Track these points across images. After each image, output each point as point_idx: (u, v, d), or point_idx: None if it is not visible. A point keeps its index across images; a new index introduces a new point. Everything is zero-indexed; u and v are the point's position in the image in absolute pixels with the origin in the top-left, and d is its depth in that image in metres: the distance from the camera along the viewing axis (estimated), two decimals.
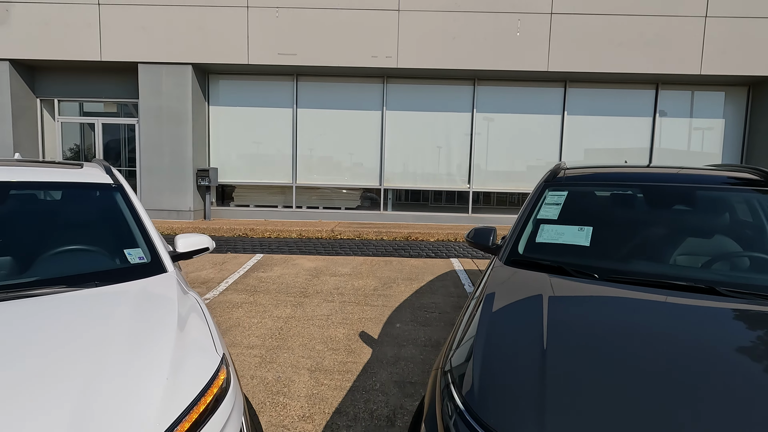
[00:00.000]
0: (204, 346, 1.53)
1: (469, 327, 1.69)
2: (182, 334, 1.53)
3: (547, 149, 9.55)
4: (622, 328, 1.52)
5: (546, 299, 1.69)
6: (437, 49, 8.62)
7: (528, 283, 1.88)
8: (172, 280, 1.92)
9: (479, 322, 1.63)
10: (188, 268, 5.94)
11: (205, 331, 1.61)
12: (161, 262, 2.07)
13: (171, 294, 1.76)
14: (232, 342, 3.63)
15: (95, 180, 2.38)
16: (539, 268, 2.05)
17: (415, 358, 3.43)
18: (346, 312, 4.39)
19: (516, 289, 1.84)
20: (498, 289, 1.85)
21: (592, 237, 2.14)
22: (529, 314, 1.62)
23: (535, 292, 1.76)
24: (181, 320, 1.61)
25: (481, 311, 1.70)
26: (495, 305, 1.71)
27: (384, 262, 6.57)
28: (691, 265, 2.03)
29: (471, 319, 1.75)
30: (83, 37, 8.68)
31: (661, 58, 8.49)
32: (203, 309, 1.80)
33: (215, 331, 1.67)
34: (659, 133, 9.45)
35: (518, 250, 2.24)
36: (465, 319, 1.82)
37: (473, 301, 1.98)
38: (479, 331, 1.57)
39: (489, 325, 1.59)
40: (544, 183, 2.63)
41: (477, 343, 1.51)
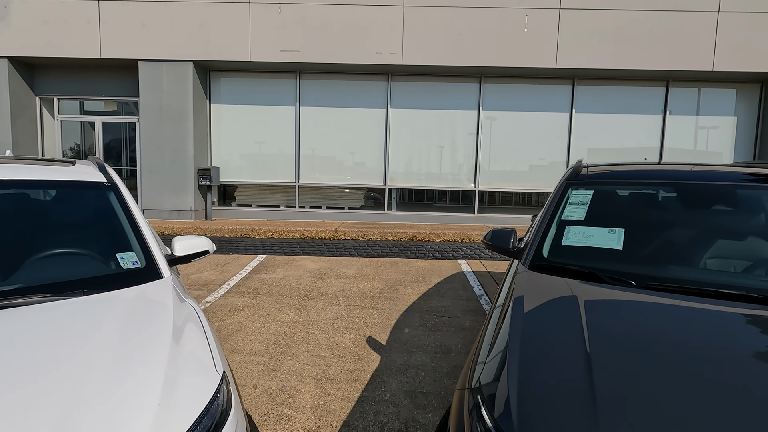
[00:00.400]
0: (202, 364, 1.36)
1: (496, 340, 1.53)
2: (178, 350, 1.37)
3: (554, 148, 9.37)
4: (676, 344, 1.36)
5: (583, 310, 1.52)
6: (443, 45, 8.44)
7: (560, 291, 1.71)
8: (168, 288, 1.76)
9: (509, 334, 1.46)
10: (189, 269, 5.78)
11: (203, 345, 1.45)
12: (157, 267, 1.91)
13: (166, 304, 1.60)
14: (233, 348, 3.48)
15: (87, 178, 2.22)
16: (568, 273, 1.88)
17: (425, 365, 3.26)
18: (352, 316, 4.23)
19: (547, 298, 1.68)
20: (526, 297, 1.68)
21: (624, 240, 1.97)
22: (567, 327, 1.45)
23: (569, 302, 1.59)
24: (176, 333, 1.45)
25: (510, 323, 1.53)
26: (526, 316, 1.54)
27: (389, 263, 6.40)
28: (737, 271, 1.86)
29: (498, 330, 1.58)
30: (83, 34, 8.54)
31: (672, 55, 8.30)
32: (202, 320, 1.64)
33: (215, 344, 1.51)
34: (670, 131, 9.26)
35: (543, 254, 2.07)
36: (490, 330, 1.66)
37: (497, 310, 1.81)
38: (511, 345, 1.40)
39: (522, 338, 1.42)
40: (567, 181, 2.45)
41: (510, 358, 1.34)
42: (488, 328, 1.71)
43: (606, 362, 1.28)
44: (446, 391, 2.92)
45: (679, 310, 1.57)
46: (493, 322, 1.71)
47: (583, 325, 1.45)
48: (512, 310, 1.61)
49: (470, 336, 3.81)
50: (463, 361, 3.33)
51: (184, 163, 8.90)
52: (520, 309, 1.60)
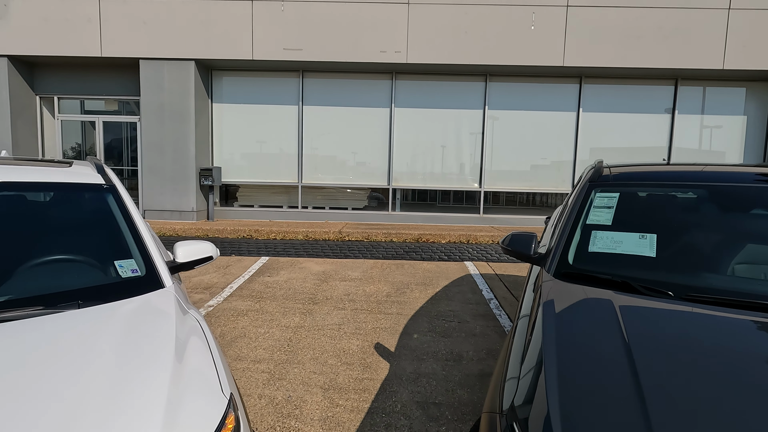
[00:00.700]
0: (208, 386, 1.24)
1: (525, 356, 1.40)
2: (181, 371, 1.25)
3: (561, 148, 9.24)
4: (729, 360, 1.23)
5: (623, 323, 1.40)
6: (448, 43, 8.31)
7: (594, 302, 1.58)
8: (170, 299, 1.64)
9: (543, 351, 1.34)
10: (191, 272, 5.66)
11: (209, 365, 1.32)
12: (158, 275, 1.79)
13: (168, 318, 1.48)
14: (237, 355, 3.36)
15: (84, 180, 2.10)
16: (598, 282, 1.75)
17: (437, 374, 3.14)
18: (359, 321, 4.11)
19: (581, 310, 1.55)
20: (558, 309, 1.56)
21: (657, 246, 1.84)
22: (608, 342, 1.33)
23: (606, 314, 1.47)
24: (179, 351, 1.33)
25: (543, 337, 1.41)
26: (559, 330, 1.42)
27: (395, 265, 6.28)
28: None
29: (527, 345, 1.46)
30: (83, 33, 8.43)
31: (681, 53, 8.16)
32: (207, 335, 1.52)
33: (221, 363, 1.39)
34: (679, 130, 9.11)
35: (568, 261, 1.95)
36: (517, 344, 1.53)
37: (522, 322, 1.69)
38: (547, 363, 1.28)
39: (558, 355, 1.30)
40: (590, 183, 2.32)
41: (547, 377, 1.22)
42: (514, 341, 1.59)
43: (657, 380, 1.16)
44: (459, 402, 2.79)
45: (727, 323, 1.44)
46: (520, 336, 1.58)
47: (626, 339, 1.33)
48: (543, 323, 1.48)
49: (481, 342, 3.69)
50: (475, 369, 3.21)
51: (186, 163, 8.79)
52: (551, 322, 1.47)
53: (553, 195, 9.74)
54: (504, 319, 4.22)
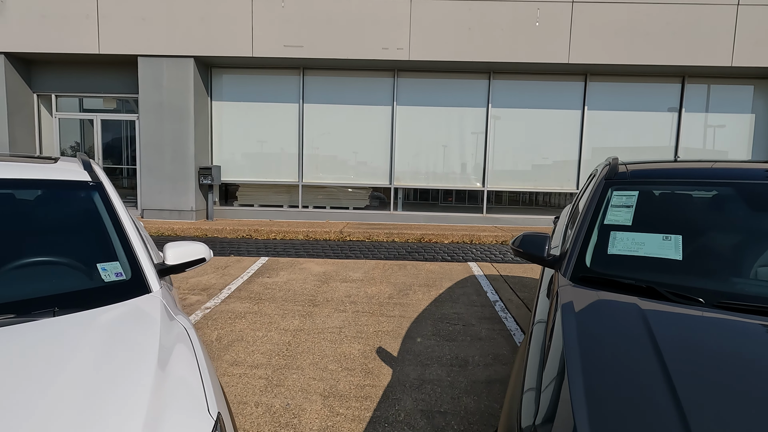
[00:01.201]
0: (193, 403, 1.11)
1: (545, 368, 1.27)
2: (162, 386, 1.12)
3: (565, 146, 9.09)
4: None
5: (655, 335, 1.26)
6: (451, 40, 8.18)
7: (619, 309, 1.45)
8: (156, 305, 1.51)
9: (567, 363, 1.21)
10: (188, 272, 5.54)
11: (195, 379, 1.20)
12: (144, 279, 1.66)
13: (152, 327, 1.35)
14: (234, 360, 3.23)
15: (68, 177, 1.97)
16: (620, 287, 1.62)
17: (442, 380, 3.01)
18: (360, 324, 3.98)
19: (605, 318, 1.42)
20: (579, 318, 1.42)
21: (682, 248, 1.70)
22: (638, 353, 1.20)
23: (635, 323, 1.33)
24: (162, 363, 1.20)
25: (564, 347, 1.27)
26: (582, 340, 1.29)
27: (397, 266, 6.15)
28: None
29: (545, 356, 1.32)
30: (81, 29, 8.31)
31: (689, 50, 8.01)
32: (195, 345, 1.39)
33: (209, 377, 1.26)
34: (685, 129, 8.96)
35: (586, 264, 1.81)
36: (533, 355, 1.40)
37: (538, 330, 1.55)
38: (571, 376, 1.15)
39: (584, 367, 1.17)
40: (606, 181, 2.19)
41: (573, 393, 1.09)
42: (530, 351, 1.46)
43: (697, 396, 1.04)
44: (466, 411, 2.66)
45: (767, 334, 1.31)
46: (536, 345, 1.45)
47: (659, 350, 1.20)
48: (563, 332, 1.35)
49: (487, 346, 3.56)
50: (481, 376, 3.08)
51: (185, 161, 8.67)
52: (572, 331, 1.34)
53: (557, 195, 9.60)
54: (510, 322, 4.09)
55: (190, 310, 4.21)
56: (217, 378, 1.42)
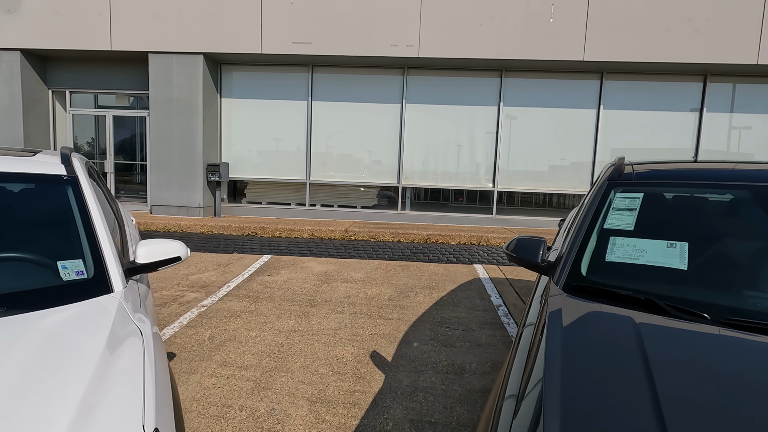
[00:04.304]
0: (125, 416, 1.02)
1: (526, 379, 1.16)
2: (95, 396, 1.02)
3: (579, 147, 8.83)
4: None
5: (648, 354, 1.12)
6: (462, 37, 8.00)
7: (610, 323, 1.31)
8: (112, 307, 1.42)
9: (545, 379, 1.08)
10: (189, 269, 5.52)
11: (134, 389, 1.10)
12: (107, 278, 1.58)
13: (100, 330, 1.26)
14: (224, 360, 3.16)
15: (41, 171, 1.91)
16: (616, 299, 1.47)
17: (435, 388, 2.88)
18: (357, 326, 3.87)
19: (593, 332, 1.27)
20: (563, 330, 1.29)
21: (688, 257, 1.54)
22: (625, 374, 1.07)
23: (626, 339, 1.19)
24: (101, 371, 1.11)
25: (544, 362, 1.15)
26: (564, 356, 1.16)
27: (401, 267, 6.02)
28: None
29: (528, 367, 1.20)
30: (93, 26, 8.40)
31: (712, 47, 7.67)
32: (147, 350, 1.29)
33: (154, 386, 1.16)
34: (707, 130, 8.61)
35: (581, 272, 1.67)
36: (517, 363, 1.28)
37: (524, 337, 1.43)
38: (548, 394, 1.03)
39: (562, 386, 1.05)
40: (609, 182, 2.03)
41: (547, 414, 0.97)
42: (515, 360, 1.33)
43: (685, 425, 0.90)
44: (458, 422, 2.53)
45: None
46: (521, 354, 1.32)
47: (650, 370, 1.06)
48: (546, 346, 1.22)
49: (486, 353, 3.41)
50: (477, 385, 2.94)
51: (193, 158, 8.70)
52: (556, 345, 1.21)
53: (569, 196, 9.34)
54: (512, 329, 3.93)
55: (187, 308, 4.16)
56: (172, 388, 1.33)
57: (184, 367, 3.04)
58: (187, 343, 3.43)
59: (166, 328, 3.69)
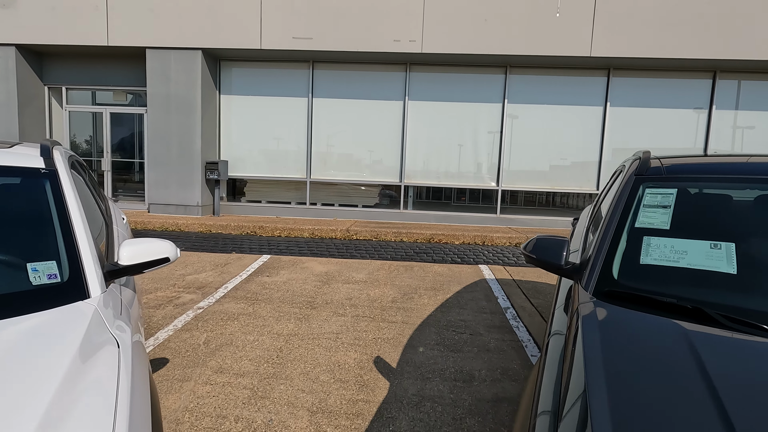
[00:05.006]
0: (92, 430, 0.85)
1: (562, 401, 0.99)
2: (56, 418, 0.86)
3: (586, 145, 8.66)
4: None
5: (714, 380, 0.95)
6: (466, 32, 7.83)
7: (656, 337, 1.14)
8: (86, 316, 1.25)
9: (591, 408, 0.91)
10: (186, 269, 5.36)
11: (104, 411, 0.94)
12: (83, 282, 1.41)
13: (67, 343, 1.10)
14: (220, 367, 2.99)
15: (16, 163, 1.74)
16: (657, 307, 1.30)
17: (443, 397, 2.71)
18: (359, 330, 3.70)
19: (638, 348, 1.10)
20: (603, 346, 1.12)
21: (737, 260, 1.37)
22: (687, 397, 0.90)
23: (683, 363, 1.02)
24: (65, 390, 0.94)
25: (586, 387, 0.98)
26: (610, 379, 0.99)
27: (404, 267, 5.85)
28: None
29: (562, 387, 1.04)
30: (90, 21, 8.23)
31: (722, 43, 7.49)
32: (122, 366, 1.12)
33: (128, 406, 0.99)
34: (716, 128, 8.42)
35: (612, 275, 1.50)
36: (547, 384, 1.11)
37: (552, 350, 1.26)
38: (597, 425, 0.86)
39: (612, 412, 0.88)
40: (636, 177, 1.86)
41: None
42: (543, 379, 1.16)
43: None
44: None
45: None
46: (551, 372, 1.15)
47: (716, 393, 0.90)
48: (586, 367, 1.05)
49: (495, 359, 3.24)
50: (487, 393, 2.77)
51: (192, 156, 8.53)
52: (597, 367, 1.03)
53: (575, 195, 9.16)
54: (522, 332, 3.76)
55: (182, 310, 4.00)
56: (152, 402, 1.16)
57: (178, 374, 2.87)
58: (182, 347, 3.27)
59: (159, 332, 3.52)
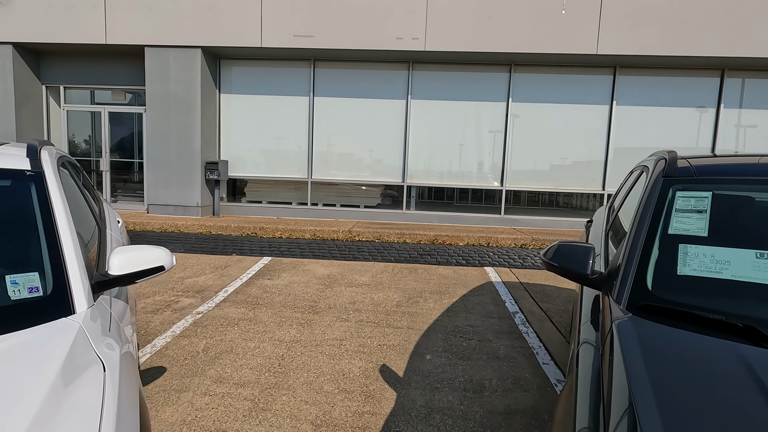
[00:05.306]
0: None
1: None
2: None
3: (591, 144, 8.52)
4: None
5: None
6: (470, 30, 7.69)
7: (710, 362, 1.01)
8: (69, 335, 1.13)
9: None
10: (185, 272, 5.23)
11: (88, 428, 0.81)
12: (69, 296, 1.29)
13: (45, 369, 0.97)
14: (219, 376, 2.87)
15: (0, 165, 1.61)
16: (701, 323, 1.18)
17: (453, 408, 2.59)
18: (364, 336, 3.58)
19: (694, 377, 0.98)
20: (651, 373, 0.99)
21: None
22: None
23: (745, 391, 0.90)
24: (42, 420, 0.82)
25: (639, 418, 0.85)
26: (662, 406, 0.87)
27: (408, 269, 5.73)
28: None
29: (606, 417, 0.91)
30: (88, 19, 8.10)
31: (731, 40, 7.36)
32: (107, 391, 1.00)
33: (112, 426, 0.87)
34: (723, 127, 8.29)
35: (647, 287, 1.37)
36: (582, 411, 0.98)
37: (583, 375, 1.13)
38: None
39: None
40: (664, 178, 1.73)
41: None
42: (577, 411, 1.03)
43: None
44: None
45: None
46: (584, 395, 1.03)
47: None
48: (634, 397, 0.92)
49: (506, 367, 3.12)
50: (500, 405, 2.64)
51: (191, 155, 8.41)
52: (646, 398, 0.91)
53: (579, 195, 9.03)
54: (532, 338, 3.63)
55: (180, 315, 3.88)
56: (142, 425, 1.04)
57: (175, 384, 2.75)
58: (180, 355, 3.14)
59: (157, 338, 3.40)
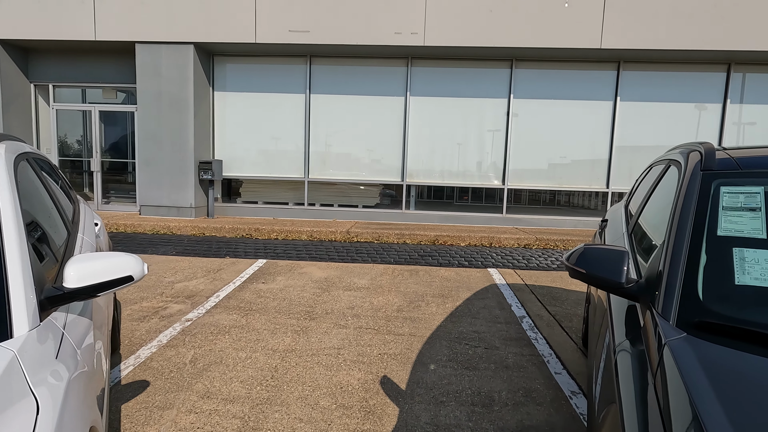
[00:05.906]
0: None
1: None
2: None
3: (595, 141, 8.32)
4: None
5: None
6: (470, 24, 7.48)
7: None
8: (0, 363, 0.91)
9: None
10: (176, 276, 5.00)
11: None
12: (5, 315, 1.06)
13: None
14: (206, 391, 2.64)
15: None
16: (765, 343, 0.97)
17: (461, 426, 2.37)
18: (363, 344, 3.36)
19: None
20: (727, 411, 0.78)
21: None
22: None
23: None
24: None
25: None
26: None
27: (408, 271, 5.51)
28: None
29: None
30: (76, 15, 7.86)
31: (737, 34, 7.16)
32: (42, 427, 0.78)
33: None
34: (730, 122, 8.10)
35: (699, 300, 1.15)
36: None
37: (628, 404, 0.92)
38: None
39: None
40: (703, 172, 1.52)
41: None
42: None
43: None
44: None
45: None
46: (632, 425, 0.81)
47: None
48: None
49: (516, 378, 2.90)
50: (511, 421, 2.43)
51: (184, 155, 8.17)
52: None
53: (581, 194, 8.83)
54: (542, 345, 3.42)
55: (168, 323, 3.65)
56: None
57: (158, 400, 2.53)
58: (165, 367, 2.92)
59: (141, 349, 3.18)
